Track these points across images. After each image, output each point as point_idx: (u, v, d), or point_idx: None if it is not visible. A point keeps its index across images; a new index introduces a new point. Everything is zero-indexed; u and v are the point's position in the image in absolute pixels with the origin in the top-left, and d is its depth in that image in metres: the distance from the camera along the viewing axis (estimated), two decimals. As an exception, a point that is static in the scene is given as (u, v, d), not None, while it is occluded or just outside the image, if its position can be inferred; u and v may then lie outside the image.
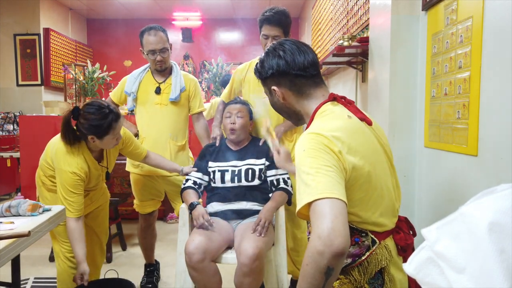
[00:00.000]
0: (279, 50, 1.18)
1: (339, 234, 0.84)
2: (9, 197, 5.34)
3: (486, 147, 1.20)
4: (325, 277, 0.85)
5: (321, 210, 0.88)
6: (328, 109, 1.12)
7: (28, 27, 5.95)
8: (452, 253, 0.62)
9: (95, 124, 1.76)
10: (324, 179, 0.92)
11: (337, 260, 0.84)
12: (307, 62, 1.16)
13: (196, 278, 1.74)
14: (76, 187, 1.83)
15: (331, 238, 0.83)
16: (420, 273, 0.66)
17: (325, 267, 0.84)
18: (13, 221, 1.56)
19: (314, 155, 0.97)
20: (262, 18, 2.07)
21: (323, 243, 0.83)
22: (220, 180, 1.99)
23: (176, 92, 2.27)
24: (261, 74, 1.22)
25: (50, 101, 4.45)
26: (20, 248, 1.42)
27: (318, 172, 0.93)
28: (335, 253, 0.83)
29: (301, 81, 1.16)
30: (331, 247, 0.83)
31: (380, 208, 1.07)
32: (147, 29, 2.22)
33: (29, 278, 2.62)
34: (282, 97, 1.20)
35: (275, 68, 1.17)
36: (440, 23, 1.49)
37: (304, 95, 1.18)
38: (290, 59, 1.15)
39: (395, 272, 1.09)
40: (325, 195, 0.89)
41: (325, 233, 0.84)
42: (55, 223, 1.75)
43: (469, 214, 0.63)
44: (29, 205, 1.69)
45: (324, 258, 0.84)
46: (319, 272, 0.85)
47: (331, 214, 0.86)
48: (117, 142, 1.88)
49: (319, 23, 4.68)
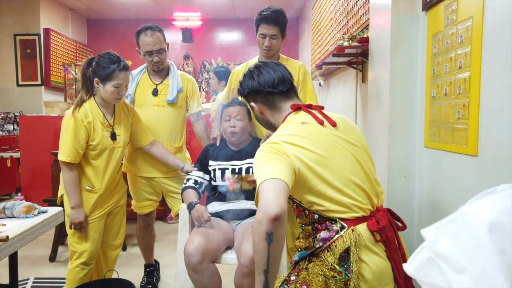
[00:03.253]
0: (253, 73, 1.39)
1: (271, 202, 0.99)
2: (9, 197, 5.34)
3: (486, 147, 1.20)
4: (267, 242, 0.99)
5: (260, 189, 1.05)
6: (288, 120, 1.31)
7: (28, 27, 5.96)
8: (452, 253, 0.62)
9: (102, 66, 1.89)
10: (266, 169, 1.09)
11: (273, 224, 0.98)
12: (277, 80, 1.35)
13: (195, 279, 1.74)
14: (77, 132, 1.89)
15: (266, 207, 0.99)
16: (420, 273, 0.67)
17: (264, 233, 0.99)
18: (5, 223, 1.55)
19: (261, 156, 1.16)
20: (259, 17, 2.06)
21: (260, 212, 1.00)
22: (220, 178, 2.00)
23: (174, 94, 2.26)
24: (241, 93, 1.44)
25: (50, 101, 4.46)
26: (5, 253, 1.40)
27: (262, 166, 1.12)
28: (270, 218, 0.98)
29: (272, 96, 1.36)
30: (267, 214, 0.98)
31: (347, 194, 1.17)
32: (144, 29, 2.18)
33: (29, 278, 2.62)
34: (260, 111, 1.40)
35: (250, 88, 1.38)
36: (440, 23, 1.49)
37: (276, 109, 1.37)
38: (262, 80, 1.36)
39: (368, 256, 1.16)
40: (264, 178, 1.06)
41: (261, 204, 1.01)
42: (50, 225, 1.75)
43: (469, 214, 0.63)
44: (24, 207, 1.69)
45: (262, 225, 0.99)
46: (261, 238, 0.99)
47: (267, 189, 1.03)
48: (119, 96, 1.96)
49: (319, 23, 4.68)
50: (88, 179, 1.97)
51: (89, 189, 1.97)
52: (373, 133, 1.92)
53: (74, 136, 1.88)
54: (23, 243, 1.50)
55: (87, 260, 1.98)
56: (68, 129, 1.89)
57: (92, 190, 1.98)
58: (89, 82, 1.95)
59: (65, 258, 3.03)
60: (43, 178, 3.81)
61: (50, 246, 3.07)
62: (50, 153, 3.34)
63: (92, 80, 1.93)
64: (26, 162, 4.01)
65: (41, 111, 5.52)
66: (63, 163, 1.89)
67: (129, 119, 2.11)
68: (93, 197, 1.98)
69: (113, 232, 2.17)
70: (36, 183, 3.95)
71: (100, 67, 1.89)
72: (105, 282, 2.00)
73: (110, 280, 2.01)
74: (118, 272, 2.13)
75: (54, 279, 2.63)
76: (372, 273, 1.15)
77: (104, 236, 2.09)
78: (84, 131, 1.90)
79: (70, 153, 1.88)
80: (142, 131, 2.17)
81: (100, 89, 1.93)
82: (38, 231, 1.62)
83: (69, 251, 2.00)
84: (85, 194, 1.97)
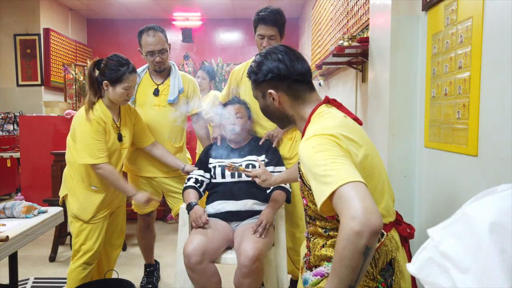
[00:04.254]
0: (277, 54, 1.20)
1: (373, 211, 0.83)
2: (9, 197, 5.34)
3: (486, 147, 1.20)
4: (364, 257, 0.84)
5: (347, 194, 0.87)
6: (324, 111, 1.16)
7: (28, 27, 5.95)
8: (457, 253, 0.62)
9: (112, 68, 1.90)
10: (341, 166, 0.92)
11: (374, 238, 0.83)
12: (304, 69, 1.20)
13: (195, 279, 1.74)
14: (98, 133, 1.89)
15: (367, 216, 0.82)
16: (422, 272, 0.67)
17: (364, 247, 0.83)
18: (5, 223, 1.55)
19: (324, 148, 0.98)
20: (257, 18, 2.05)
21: (360, 222, 0.82)
22: (220, 175, 2.00)
23: (175, 94, 2.26)
24: (257, 77, 1.23)
25: (50, 101, 4.46)
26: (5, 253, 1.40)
27: (334, 162, 0.93)
28: (373, 231, 0.82)
29: (298, 86, 1.20)
30: (369, 226, 0.82)
31: (384, 199, 1.10)
32: (146, 29, 2.19)
33: (29, 278, 2.62)
34: (278, 101, 1.22)
35: (275, 72, 1.19)
36: (440, 23, 1.49)
37: (299, 100, 1.21)
38: (290, 64, 1.18)
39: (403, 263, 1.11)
40: (347, 180, 0.88)
41: (359, 213, 0.83)
42: (50, 225, 1.74)
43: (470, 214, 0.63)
44: (24, 207, 1.69)
45: (362, 238, 0.82)
46: (358, 253, 0.83)
47: (359, 195, 0.86)
48: (128, 98, 1.98)
49: (319, 23, 4.68)
50: (94, 179, 1.97)
51: (95, 189, 1.97)
52: (373, 133, 1.92)
53: (97, 138, 1.88)
54: (23, 243, 1.50)
55: (90, 260, 1.98)
56: (87, 133, 1.87)
57: (98, 190, 1.98)
58: (97, 84, 1.95)
59: (65, 258, 3.03)
60: (43, 178, 3.81)
61: (50, 246, 3.07)
62: (50, 153, 3.35)
63: (100, 82, 1.93)
64: (26, 162, 4.01)
65: (41, 111, 5.52)
66: (94, 166, 1.89)
67: (132, 120, 2.12)
68: (99, 197, 1.98)
69: (116, 232, 2.18)
70: (36, 183, 3.95)
71: (109, 69, 1.90)
72: (105, 282, 2.00)
73: (110, 280, 2.01)
74: (118, 272, 2.13)
75: (54, 279, 2.63)
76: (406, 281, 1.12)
77: (107, 236, 2.09)
78: (103, 133, 1.91)
79: (99, 154, 1.88)
80: (144, 132, 2.17)
81: (109, 91, 1.93)
82: (38, 231, 1.62)
83: (72, 251, 2.00)
84: (91, 194, 1.97)
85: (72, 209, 1.95)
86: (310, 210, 1.18)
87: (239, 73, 2.27)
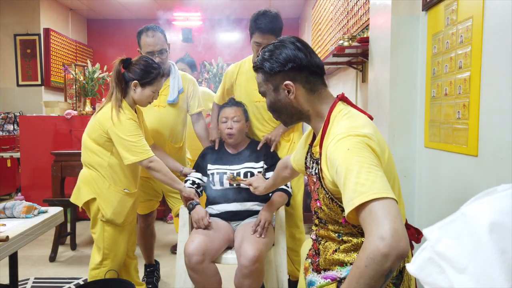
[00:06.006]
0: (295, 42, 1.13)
1: (403, 236, 0.81)
2: (9, 197, 5.34)
3: (486, 147, 1.20)
4: (385, 279, 0.83)
5: (378, 211, 0.84)
6: (344, 109, 1.10)
7: (28, 27, 5.95)
8: (454, 253, 0.62)
9: (145, 69, 1.90)
10: (377, 178, 0.89)
11: (399, 262, 0.81)
12: (320, 62, 1.14)
13: (195, 279, 1.74)
14: (138, 129, 1.87)
15: (396, 239, 0.80)
16: (422, 273, 0.67)
17: (388, 269, 0.81)
18: (5, 223, 1.55)
19: (361, 154, 0.94)
20: (254, 25, 1.98)
21: (388, 245, 0.80)
22: (219, 183, 1.99)
23: (174, 94, 2.26)
24: (272, 68, 1.12)
25: (50, 101, 4.45)
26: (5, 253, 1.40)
27: (370, 172, 0.90)
28: (400, 255, 0.80)
29: (315, 79, 1.13)
30: (397, 250, 0.80)
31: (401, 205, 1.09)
32: (145, 29, 2.17)
33: (29, 278, 2.62)
34: (295, 94, 1.13)
35: (296, 62, 1.10)
36: (440, 23, 1.49)
37: (316, 94, 1.14)
38: (310, 56, 1.11)
39: None
40: (381, 195, 0.86)
41: (388, 234, 0.80)
42: (50, 225, 1.74)
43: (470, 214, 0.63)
44: (24, 207, 1.68)
45: (388, 261, 0.80)
46: (381, 275, 0.82)
47: (391, 215, 0.83)
48: (151, 101, 1.99)
49: (319, 23, 4.68)
50: (127, 182, 1.95)
51: (127, 192, 1.95)
52: (373, 133, 1.92)
53: (139, 134, 1.86)
54: (23, 243, 1.50)
55: (119, 265, 1.98)
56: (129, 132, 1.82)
57: (129, 193, 1.96)
58: (124, 83, 1.92)
59: (65, 258, 3.04)
60: (43, 178, 3.81)
61: (50, 246, 3.07)
62: (50, 153, 3.34)
63: (128, 81, 1.91)
64: (26, 162, 4.01)
65: (41, 111, 5.52)
66: (145, 161, 1.85)
67: (142, 119, 2.11)
68: (130, 200, 1.96)
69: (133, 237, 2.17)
70: (36, 183, 3.95)
71: (142, 71, 1.90)
72: (105, 282, 2.00)
73: (110, 280, 2.00)
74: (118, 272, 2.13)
75: (54, 279, 2.63)
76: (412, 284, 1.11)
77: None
78: (140, 128, 1.90)
79: (146, 148, 1.86)
80: (147, 132, 2.16)
81: (136, 91, 1.91)
82: (38, 231, 1.61)
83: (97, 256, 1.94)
84: (124, 197, 1.93)
85: (105, 214, 1.90)
86: (322, 213, 1.14)
87: (232, 75, 2.25)
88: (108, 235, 1.94)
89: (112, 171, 1.91)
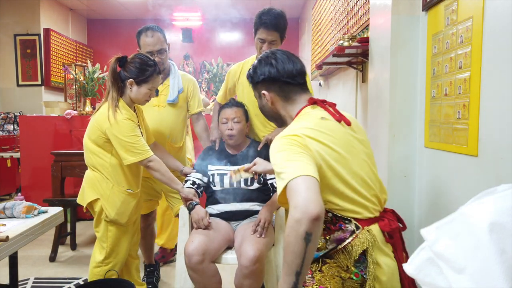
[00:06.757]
0: (271, 58, 1.31)
1: (312, 201, 0.93)
2: (9, 197, 5.34)
3: (486, 147, 1.20)
4: (305, 242, 0.92)
5: (294, 186, 0.97)
6: (306, 113, 1.25)
7: (28, 27, 5.96)
8: (452, 253, 0.62)
9: (140, 67, 1.88)
10: (294, 163, 1.03)
11: (313, 224, 0.92)
12: (295, 71, 1.29)
13: (195, 279, 1.74)
14: (136, 129, 1.86)
15: (306, 204, 0.92)
16: (420, 273, 0.67)
17: (304, 233, 0.92)
18: (5, 223, 1.55)
19: (284, 149, 1.09)
20: (259, 21, 1.98)
21: (300, 211, 0.92)
22: (219, 184, 1.99)
23: (174, 94, 2.25)
24: (253, 79, 1.36)
25: (50, 101, 4.45)
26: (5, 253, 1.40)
27: (289, 160, 1.04)
28: (311, 218, 0.91)
29: (289, 87, 1.30)
30: (307, 213, 0.91)
31: (360, 197, 1.16)
32: (144, 29, 2.16)
33: (29, 278, 2.62)
34: (271, 102, 1.32)
35: (266, 75, 1.30)
36: (440, 24, 1.49)
37: (290, 101, 1.31)
38: (281, 68, 1.29)
39: (381, 257, 1.16)
40: (296, 174, 0.98)
41: (300, 202, 0.93)
42: (50, 225, 1.74)
43: (469, 214, 0.63)
44: (24, 207, 1.68)
45: (302, 224, 0.91)
46: (300, 239, 0.92)
47: (303, 186, 0.96)
48: (149, 99, 1.97)
49: (319, 23, 4.68)
50: (130, 182, 1.94)
51: (130, 192, 1.94)
52: (373, 133, 1.92)
53: (137, 134, 1.85)
54: (23, 243, 1.50)
55: (120, 264, 1.98)
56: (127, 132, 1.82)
57: (132, 193, 1.95)
58: (120, 82, 1.90)
59: (65, 258, 3.04)
60: (43, 178, 3.80)
61: (50, 246, 3.07)
62: (50, 153, 3.34)
63: (124, 79, 1.89)
64: (26, 162, 4.01)
65: (41, 111, 5.52)
66: (145, 161, 1.85)
67: (142, 118, 2.11)
68: (133, 200, 1.95)
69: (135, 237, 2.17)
70: (36, 183, 3.95)
71: (137, 69, 1.88)
72: (105, 282, 2.00)
73: (110, 280, 2.00)
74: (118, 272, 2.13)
75: (54, 279, 2.63)
76: (385, 274, 1.15)
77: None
78: (138, 128, 1.89)
79: (145, 148, 1.86)
80: (147, 131, 2.16)
81: (132, 90, 1.90)
82: (38, 231, 1.61)
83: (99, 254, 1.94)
84: (127, 197, 1.92)
85: (109, 214, 1.89)
86: None
87: (235, 74, 2.25)
88: (112, 235, 1.94)
89: (114, 171, 1.90)
